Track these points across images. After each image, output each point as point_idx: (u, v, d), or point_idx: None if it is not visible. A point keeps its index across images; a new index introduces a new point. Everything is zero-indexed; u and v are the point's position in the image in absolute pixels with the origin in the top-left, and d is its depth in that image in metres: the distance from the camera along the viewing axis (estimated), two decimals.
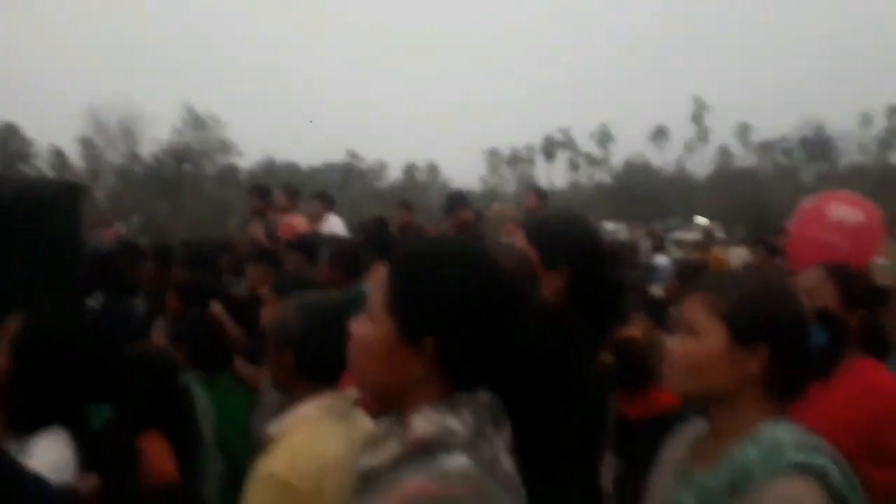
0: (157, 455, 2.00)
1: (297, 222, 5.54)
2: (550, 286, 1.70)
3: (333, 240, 4.44)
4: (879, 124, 62.99)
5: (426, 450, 0.98)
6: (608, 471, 1.71)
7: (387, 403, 1.08)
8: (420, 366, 1.02)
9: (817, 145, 54.30)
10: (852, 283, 1.94)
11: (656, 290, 5.62)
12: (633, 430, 1.82)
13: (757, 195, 38.46)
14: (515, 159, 73.74)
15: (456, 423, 1.00)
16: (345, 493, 1.09)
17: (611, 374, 1.85)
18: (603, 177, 66.04)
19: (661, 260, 8.22)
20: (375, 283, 1.10)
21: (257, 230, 5.67)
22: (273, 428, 1.67)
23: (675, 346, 1.27)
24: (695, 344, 1.23)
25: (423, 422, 1.00)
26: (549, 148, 70.72)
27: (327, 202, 6.07)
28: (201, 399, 2.52)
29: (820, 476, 1.10)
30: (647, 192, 47.61)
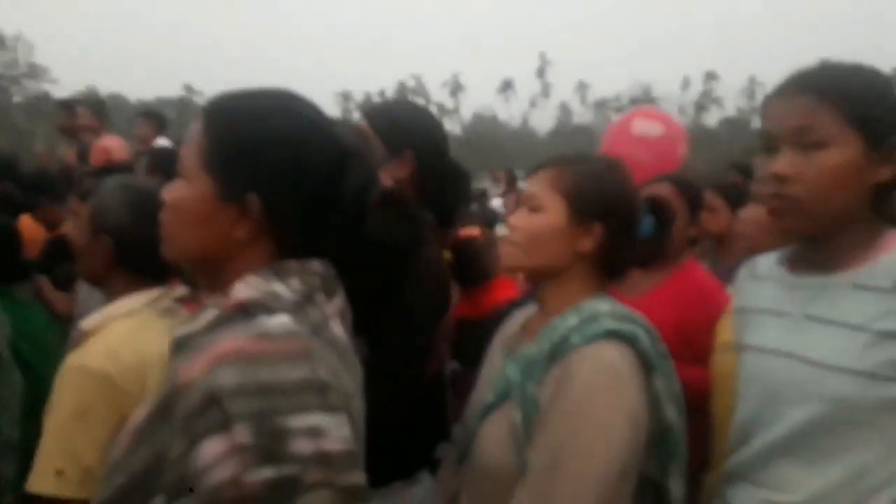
0: None
1: (113, 145, 4.80)
2: (396, 175, 1.62)
3: (153, 150, 3.89)
4: (697, 88, 69.29)
5: (246, 312, 0.88)
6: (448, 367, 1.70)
7: (207, 275, 0.98)
8: (244, 228, 0.93)
9: (644, 105, 58.63)
10: (693, 191, 2.07)
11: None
12: (470, 330, 1.79)
13: (593, 150, 40.84)
14: (368, 104, 72.47)
15: (282, 288, 0.91)
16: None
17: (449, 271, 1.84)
18: (453, 127, 66.96)
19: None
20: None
21: (68, 153, 4.97)
22: (87, 321, 1.47)
23: (517, 220, 1.28)
24: (535, 218, 1.25)
25: (245, 287, 0.91)
26: (402, 95, 70.25)
27: (157, 123, 5.42)
28: None
29: (630, 342, 1.16)
30: (493, 144, 48.98)
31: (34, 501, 1.35)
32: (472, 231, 1.98)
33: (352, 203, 0.97)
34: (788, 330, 1.18)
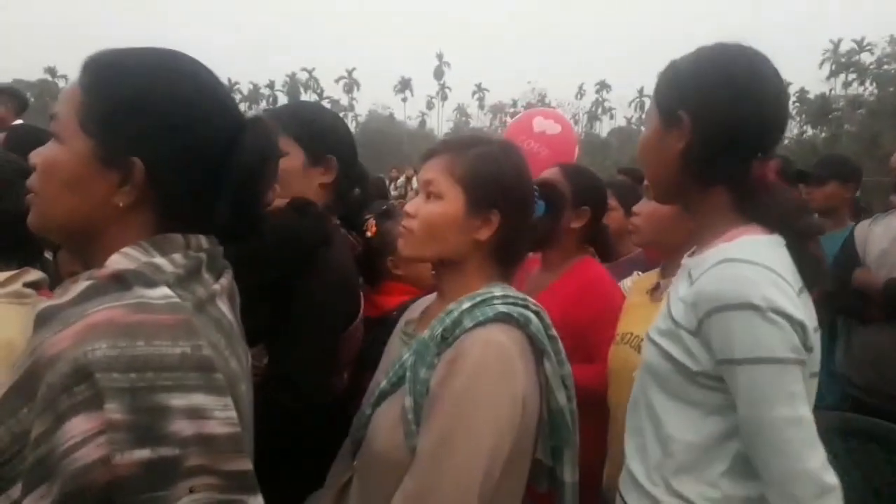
0: None
1: None
2: (321, 181, 1.58)
3: (14, 127, 3.49)
4: (590, 98, 72.40)
5: (122, 281, 0.80)
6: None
7: (79, 247, 0.89)
8: (125, 196, 0.85)
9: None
10: (582, 181, 2.06)
11: None
12: (372, 330, 1.70)
13: None
14: (256, 96, 70.49)
15: (163, 262, 0.84)
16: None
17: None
18: (348, 123, 66.25)
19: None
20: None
21: None
22: None
23: (414, 207, 1.24)
24: (433, 206, 1.22)
25: (122, 258, 0.84)
26: (293, 89, 68.62)
27: (17, 104, 4.91)
28: None
29: (521, 325, 1.15)
30: (389, 143, 48.83)
31: None
32: (369, 229, 1.90)
33: (244, 175, 0.88)
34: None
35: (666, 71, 1.23)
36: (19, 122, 4.56)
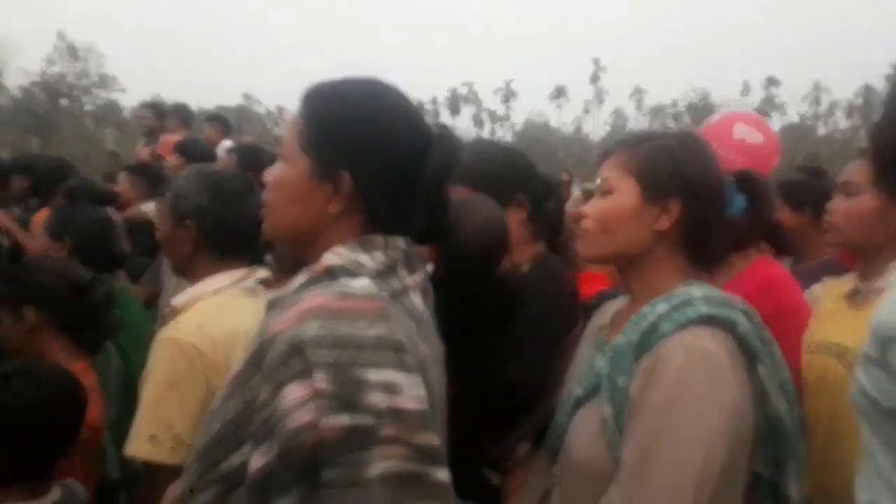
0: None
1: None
2: (514, 220, 1.58)
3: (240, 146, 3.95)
4: (758, 94, 67.48)
5: (331, 274, 0.96)
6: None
7: (301, 249, 1.04)
8: (336, 204, 0.99)
9: (702, 111, 57.34)
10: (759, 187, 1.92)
11: None
12: None
13: None
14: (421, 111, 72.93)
15: (366, 258, 0.97)
16: None
17: None
18: (505, 133, 66.84)
19: None
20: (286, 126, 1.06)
21: (143, 151, 5.09)
22: (177, 299, 1.55)
23: (589, 207, 1.22)
24: (607, 201, 1.19)
25: (333, 255, 0.98)
26: (454, 102, 70.47)
27: (223, 127, 5.53)
28: None
29: (728, 327, 1.08)
30: (545, 150, 48.69)
31: (134, 477, 1.45)
32: None
33: (434, 183, 1.01)
34: None
35: None
36: (227, 142, 5.14)
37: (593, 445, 1.10)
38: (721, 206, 1.20)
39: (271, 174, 1.04)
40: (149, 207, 3.46)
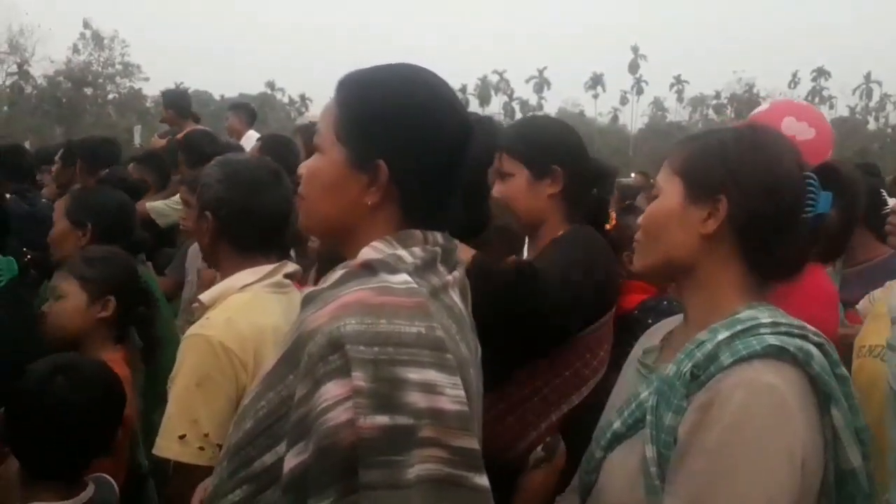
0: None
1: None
2: (548, 192, 1.59)
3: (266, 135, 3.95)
4: (806, 86, 65.69)
5: (370, 269, 0.92)
6: None
7: (338, 241, 1.01)
8: (373, 195, 0.95)
9: (746, 103, 55.95)
10: (848, 182, 1.82)
11: None
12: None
13: None
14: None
15: (404, 253, 0.94)
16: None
17: None
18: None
19: None
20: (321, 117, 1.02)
21: (156, 141, 5.07)
22: (206, 294, 1.53)
23: (642, 216, 1.12)
24: (651, 206, 1.09)
25: (371, 250, 0.94)
26: (485, 91, 69.88)
27: (247, 116, 5.54)
28: None
29: (800, 362, 0.94)
30: None
31: (162, 467, 1.43)
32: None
33: (472, 172, 0.98)
34: None
35: None
36: (251, 132, 5.15)
37: (630, 489, 0.98)
38: (789, 205, 1.02)
39: (305, 165, 1.02)
40: (149, 207, 3.50)
